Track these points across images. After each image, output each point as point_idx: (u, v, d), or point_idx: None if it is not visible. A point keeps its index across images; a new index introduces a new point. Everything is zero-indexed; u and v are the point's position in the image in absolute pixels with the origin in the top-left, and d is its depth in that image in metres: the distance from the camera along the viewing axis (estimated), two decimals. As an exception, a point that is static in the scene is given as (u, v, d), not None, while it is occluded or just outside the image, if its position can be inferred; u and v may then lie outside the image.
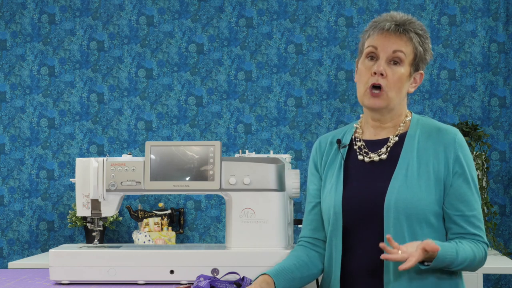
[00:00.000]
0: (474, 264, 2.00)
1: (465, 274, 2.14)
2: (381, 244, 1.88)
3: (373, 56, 2.04)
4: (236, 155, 2.54)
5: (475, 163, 3.90)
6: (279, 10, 4.43)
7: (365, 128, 2.15)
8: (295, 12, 4.42)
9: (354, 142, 2.14)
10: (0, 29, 4.44)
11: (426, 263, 1.91)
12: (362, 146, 2.11)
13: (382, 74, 2.01)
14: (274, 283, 2.00)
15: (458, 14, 4.35)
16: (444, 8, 4.36)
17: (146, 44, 4.45)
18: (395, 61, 2.03)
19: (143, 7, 4.46)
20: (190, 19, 4.45)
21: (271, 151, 2.92)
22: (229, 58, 4.43)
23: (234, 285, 2.17)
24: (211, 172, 2.41)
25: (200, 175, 2.42)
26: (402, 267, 1.83)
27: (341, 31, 4.39)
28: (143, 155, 2.61)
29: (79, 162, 2.49)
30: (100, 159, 2.47)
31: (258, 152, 4.36)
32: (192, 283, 2.26)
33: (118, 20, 4.46)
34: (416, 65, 2.06)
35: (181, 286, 2.28)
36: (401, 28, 2.03)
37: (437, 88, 4.35)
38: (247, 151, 2.90)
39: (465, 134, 4.03)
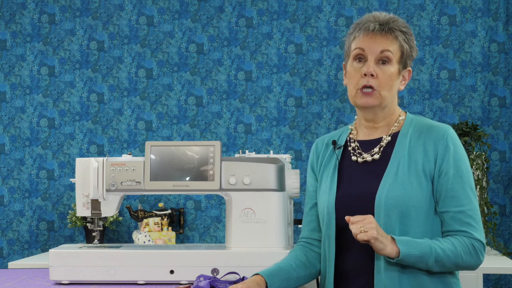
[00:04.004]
0: (462, 260, 1.97)
1: (465, 274, 2.14)
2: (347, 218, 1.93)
3: (361, 58, 2.05)
4: (236, 155, 2.54)
5: (475, 163, 3.90)
6: (279, 10, 4.43)
7: (359, 129, 2.17)
8: (295, 12, 4.42)
9: (348, 143, 2.15)
10: (0, 29, 4.44)
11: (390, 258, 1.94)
12: (356, 147, 2.12)
13: (372, 75, 2.02)
14: (266, 284, 2.00)
15: (458, 14, 4.35)
16: (444, 8, 4.36)
17: (146, 44, 4.45)
18: (383, 61, 2.04)
19: (143, 7, 4.46)
20: (190, 19, 4.45)
21: (271, 151, 2.92)
22: (229, 58, 4.43)
23: (234, 285, 2.17)
24: (211, 172, 2.41)
25: (200, 175, 2.42)
26: (359, 236, 1.89)
27: (341, 31, 4.39)
28: (143, 155, 2.61)
29: (79, 162, 2.49)
30: (100, 159, 2.47)
31: (258, 152, 4.36)
32: (192, 283, 2.26)
33: (118, 20, 4.46)
34: (404, 62, 2.08)
35: (181, 286, 2.28)
36: (386, 28, 2.05)
37: (437, 88, 4.35)
38: (247, 151, 2.91)
39: (465, 134, 4.03)
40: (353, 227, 1.90)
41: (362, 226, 1.88)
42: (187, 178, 2.42)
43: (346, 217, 1.93)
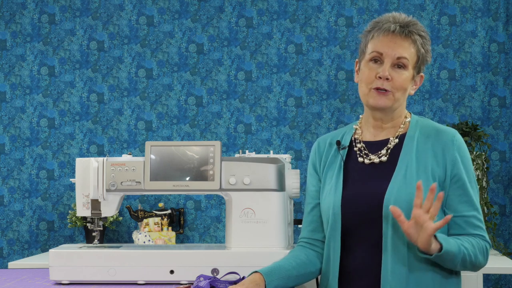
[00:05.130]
0: (477, 260, 2.00)
1: (465, 274, 2.15)
2: (419, 183, 1.85)
3: (377, 59, 2.05)
4: (236, 155, 2.54)
5: (475, 163, 3.91)
6: (279, 10, 4.43)
7: (365, 129, 2.16)
8: (295, 12, 4.42)
9: (354, 144, 2.15)
10: (0, 29, 4.44)
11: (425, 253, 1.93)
12: (362, 148, 2.12)
13: (387, 79, 2.02)
14: (265, 282, 2.00)
15: (458, 14, 4.35)
16: (444, 8, 4.36)
17: (146, 44, 4.45)
18: (399, 65, 2.04)
19: (143, 7, 4.46)
20: (190, 19, 4.45)
21: (271, 151, 2.92)
22: (229, 58, 4.43)
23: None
24: (211, 172, 2.41)
25: (200, 175, 2.42)
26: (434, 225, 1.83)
27: (341, 31, 4.39)
28: (143, 155, 2.61)
29: (79, 162, 2.50)
30: (100, 159, 2.47)
31: (258, 152, 4.36)
32: (192, 283, 2.26)
33: (118, 20, 4.46)
34: (418, 67, 2.09)
35: (181, 286, 2.28)
36: (406, 30, 2.05)
37: (437, 88, 4.35)
38: (247, 151, 2.91)
39: (465, 134, 4.03)
40: (425, 211, 1.84)
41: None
42: (187, 178, 2.42)
43: (391, 207, 1.86)
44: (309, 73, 4.41)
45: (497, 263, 3.50)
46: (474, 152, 3.95)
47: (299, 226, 3.32)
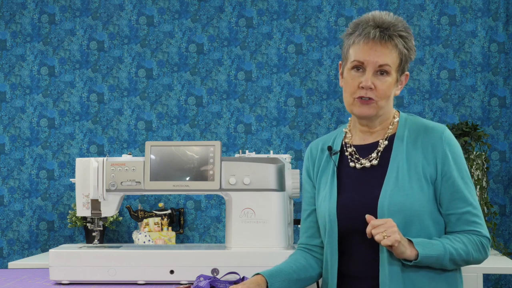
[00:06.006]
0: (471, 257, 2.00)
1: (465, 274, 2.15)
2: (367, 216, 1.94)
3: (359, 67, 2.03)
4: (236, 155, 2.54)
5: (475, 163, 3.90)
6: (279, 10, 4.43)
7: (354, 133, 2.15)
8: (295, 12, 4.42)
9: (345, 148, 2.14)
10: (0, 29, 4.44)
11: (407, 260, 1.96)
12: (353, 152, 2.11)
13: (371, 88, 2.01)
14: (267, 284, 2.00)
15: (458, 14, 4.35)
16: (444, 8, 4.36)
17: (146, 44, 4.45)
18: (381, 72, 2.02)
19: (143, 7, 4.46)
20: (190, 19, 4.45)
21: (271, 151, 2.92)
22: (229, 58, 4.43)
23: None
24: (211, 172, 2.41)
25: (200, 175, 2.42)
26: (384, 242, 1.90)
27: (341, 31, 4.39)
28: (143, 155, 2.61)
29: (79, 162, 2.50)
30: (100, 159, 2.47)
31: (258, 152, 4.36)
32: (192, 283, 2.26)
33: (118, 20, 4.46)
34: (402, 69, 2.06)
35: (181, 286, 2.28)
36: (386, 36, 2.00)
37: (437, 88, 4.35)
38: (247, 151, 2.91)
39: (465, 134, 4.02)
40: (376, 233, 1.90)
41: (384, 231, 1.89)
42: (187, 178, 2.42)
43: (367, 216, 1.93)
44: (309, 73, 4.41)
45: (497, 263, 3.50)
46: (474, 152, 3.95)
47: (299, 226, 3.32)
